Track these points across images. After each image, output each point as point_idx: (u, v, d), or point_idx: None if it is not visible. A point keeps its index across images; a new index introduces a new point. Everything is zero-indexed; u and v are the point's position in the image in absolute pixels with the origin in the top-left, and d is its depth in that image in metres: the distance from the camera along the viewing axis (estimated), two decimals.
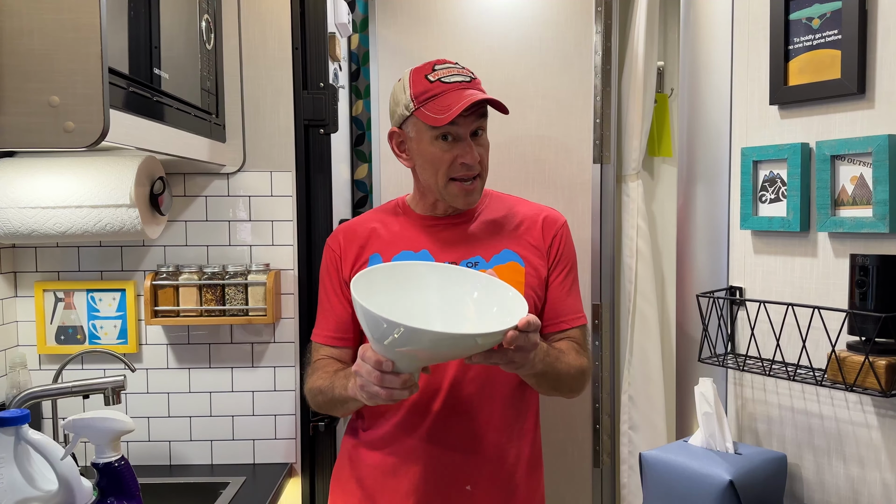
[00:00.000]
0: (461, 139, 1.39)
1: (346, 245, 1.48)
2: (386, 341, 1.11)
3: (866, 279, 1.07)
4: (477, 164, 1.41)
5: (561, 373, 1.35)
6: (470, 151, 1.39)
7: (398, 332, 1.08)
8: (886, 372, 1.04)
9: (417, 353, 1.14)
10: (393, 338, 1.09)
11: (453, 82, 1.38)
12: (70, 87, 1.02)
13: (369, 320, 1.11)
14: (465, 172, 1.40)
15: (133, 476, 1.23)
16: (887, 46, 1.09)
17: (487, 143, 1.45)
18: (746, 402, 1.33)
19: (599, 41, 2.19)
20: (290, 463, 1.83)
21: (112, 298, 1.81)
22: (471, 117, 1.38)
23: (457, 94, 1.36)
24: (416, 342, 1.10)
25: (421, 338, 1.09)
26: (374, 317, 1.10)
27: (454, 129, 1.38)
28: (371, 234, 1.48)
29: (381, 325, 1.09)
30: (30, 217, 1.51)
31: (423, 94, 1.38)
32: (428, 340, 1.10)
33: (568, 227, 1.51)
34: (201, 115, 1.60)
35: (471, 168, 1.40)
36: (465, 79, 1.40)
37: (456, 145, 1.39)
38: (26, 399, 1.56)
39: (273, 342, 1.83)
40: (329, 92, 1.82)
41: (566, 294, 1.47)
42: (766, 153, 1.25)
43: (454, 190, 1.42)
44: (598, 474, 2.28)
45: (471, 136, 1.40)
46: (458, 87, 1.38)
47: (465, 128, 1.38)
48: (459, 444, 1.40)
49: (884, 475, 1.11)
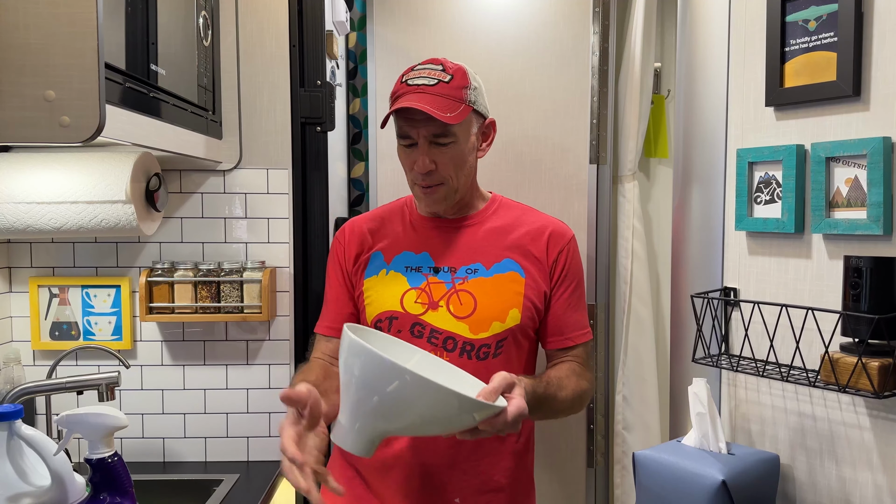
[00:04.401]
0: (418, 145, 1.36)
1: (351, 239, 1.48)
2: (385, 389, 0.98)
3: (860, 281, 1.07)
4: (433, 173, 1.36)
5: (557, 410, 1.33)
6: (420, 158, 1.35)
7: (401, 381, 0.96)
8: (879, 373, 1.04)
9: (407, 412, 1.01)
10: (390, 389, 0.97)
11: (413, 85, 1.35)
12: (66, 82, 1.02)
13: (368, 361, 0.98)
14: (421, 180, 1.37)
15: (126, 472, 1.23)
16: (883, 49, 1.10)
17: (460, 150, 1.37)
18: (740, 402, 1.33)
19: (597, 42, 2.19)
20: None
21: (107, 295, 1.81)
22: (424, 125, 1.33)
23: (406, 98, 1.33)
24: (418, 397, 0.97)
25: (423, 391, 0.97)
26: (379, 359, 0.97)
27: (409, 137, 1.36)
28: (376, 232, 1.48)
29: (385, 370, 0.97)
30: (25, 212, 1.51)
31: (393, 94, 1.38)
32: (433, 398, 0.98)
33: (575, 242, 1.47)
34: (198, 112, 1.60)
35: (426, 175, 1.36)
36: (427, 82, 1.34)
37: (413, 150, 1.37)
38: (20, 395, 1.55)
39: (268, 340, 1.83)
40: (326, 90, 1.82)
41: (572, 310, 1.44)
42: (761, 154, 1.26)
43: (418, 192, 1.41)
44: (591, 474, 2.28)
45: (433, 144, 1.35)
46: (413, 90, 1.34)
47: (419, 134, 1.34)
48: (447, 457, 1.38)
49: (876, 476, 1.12)
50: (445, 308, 1.38)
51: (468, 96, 1.37)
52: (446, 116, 1.31)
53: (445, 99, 1.33)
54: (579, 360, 1.43)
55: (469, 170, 1.42)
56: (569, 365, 1.41)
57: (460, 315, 1.37)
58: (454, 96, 1.34)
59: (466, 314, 1.37)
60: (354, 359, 1.01)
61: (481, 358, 1.37)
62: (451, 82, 1.35)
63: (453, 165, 1.37)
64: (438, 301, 1.38)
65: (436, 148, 1.36)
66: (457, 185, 1.40)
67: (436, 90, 1.34)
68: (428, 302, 1.38)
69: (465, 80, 1.37)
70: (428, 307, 1.38)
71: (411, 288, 1.40)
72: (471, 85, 1.38)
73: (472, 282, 1.39)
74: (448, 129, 1.34)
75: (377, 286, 1.43)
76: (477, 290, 1.39)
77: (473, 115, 1.39)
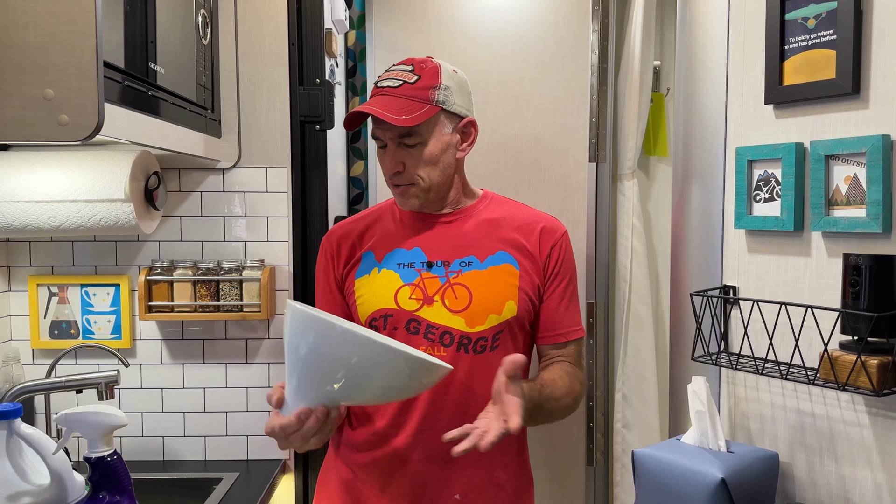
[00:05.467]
0: (387, 147, 1.38)
1: (340, 244, 1.47)
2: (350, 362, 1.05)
3: (859, 279, 1.07)
4: (402, 173, 1.37)
5: (551, 412, 1.34)
6: (388, 159, 1.38)
7: (333, 334, 1.04)
8: (878, 371, 1.04)
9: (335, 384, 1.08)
10: (326, 343, 1.05)
11: (379, 87, 1.37)
12: (65, 81, 1.01)
13: (300, 320, 1.06)
14: (391, 180, 1.40)
15: (126, 471, 1.22)
16: (882, 47, 1.10)
17: (429, 151, 1.37)
18: (739, 400, 1.33)
19: (596, 40, 2.19)
20: (284, 459, 1.83)
21: (106, 293, 1.81)
22: (389, 126, 1.34)
23: (368, 102, 1.36)
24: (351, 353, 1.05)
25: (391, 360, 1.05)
26: (309, 316, 1.04)
27: (380, 139, 1.38)
28: (365, 233, 1.47)
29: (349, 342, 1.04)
30: (24, 211, 1.51)
31: (370, 95, 1.40)
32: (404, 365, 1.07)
33: (568, 237, 1.47)
34: (197, 111, 1.60)
35: (394, 176, 1.38)
36: (392, 84, 1.36)
37: (384, 152, 1.39)
38: (19, 393, 1.55)
39: (267, 338, 1.83)
40: (325, 88, 1.82)
41: (565, 306, 1.44)
42: (760, 153, 1.25)
43: (394, 191, 1.42)
44: (591, 472, 2.28)
45: (402, 145, 1.36)
46: (378, 92, 1.37)
47: (387, 136, 1.36)
48: (448, 453, 1.38)
49: (875, 474, 1.12)
50: (440, 302, 1.37)
51: (435, 96, 1.35)
52: (400, 119, 1.31)
53: (406, 100, 1.34)
54: (571, 359, 1.43)
55: (445, 168, 1.40)
56: (561, 365, 1.41)
57: (456, 309, 1.37)
58: (418, 97, 1.34)
59: (462, 308, 1.37)
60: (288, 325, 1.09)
61: (479, 351, 1.37)
62: (417, 83, 1.35)
63: (422, 165, 1.37)
64: (433, 296, 1.38)
65: (404, 149, 1.36)
66: (428, 185, 1.39)
67: (398, 92, 1.35)
68: (422, 297, 1.38)
69: (434, 79, 1.36)
70: (423, 302, 1.38)
71: (405, 284, 1.39)
72: (440, 85, 1.36)
73: (466, 275, 1.39)
74: (412, 130, 1.34)
75: (369, 285, 1.42)
76: (472, 283, 1.38)
77: (444, 114, 1.37)
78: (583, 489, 2.28)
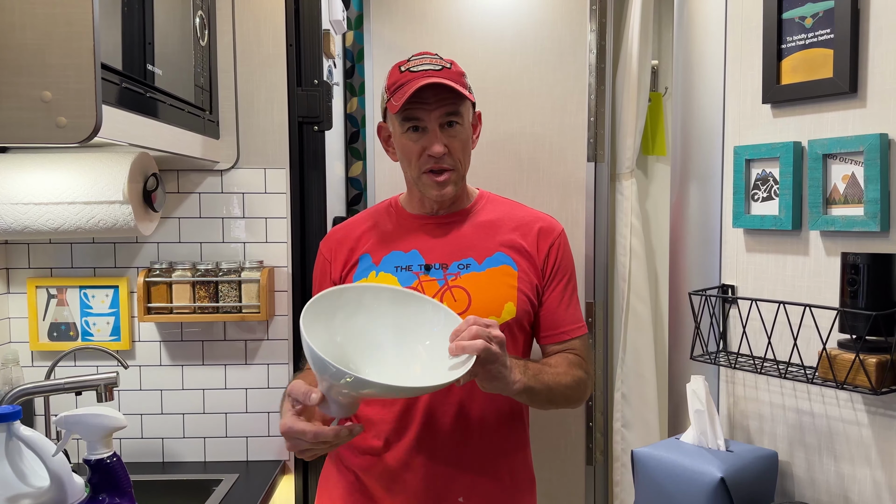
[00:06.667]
0: (428, 130, 1.36)
1: (337, 248, 1.47)
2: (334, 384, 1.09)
3: (857, 277, 1.08)
4: (446, 156, 1.37)
5: (552, 386, 1.32)
6: (435, 141, 1.35)
7: (345, 380, 1.06)
8: (877, 370, 1.04)
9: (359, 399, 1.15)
10: (340, 383, 1.08)
11: (420, 70, 1.35)
12: (62, 83, 1.01)
13: (316, 361, 1.08)
14: (433, 164, 1.37)
15: (125, 473, 1.22)
16: (879, 46, 1.10)
17: (466, 135, 1.40)
18: (738, 399, 1.34)
19: (594, 39, 2.19)
20: (284, 460, 1.83)
21: (105, 295, 1.81)
22: (437, 107, 1.34)
23: (417, 81, 1.33)
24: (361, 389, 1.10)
25: (366, 387, 1.08)
26: (321, 360, 1.06)
27: (421, 120, 1.36)
28: (362, 235, 1.47)
29: (328, 369, 1.06)
30: (22, 213, 1.51)
31: (393, 84, 1.37)
32: (374, 390, 1.10)
33: (565, 236, 1.47)
34: (195, 112, 1.60)
35: (439, 159, 1.36)
36: (434, 67, 1.36)
37: (424, 136, 1.37)
38: (18, 395, 1.55)
39: (266, 339, 1.83)
40: (323, 89, 1.82)
41: (566, 305, 1.44)
42: (758, 152, 1.26)
43: (426, 181, 1.39)
44: (590, 472, 2.28)
45: (443, 127, 1.36)
46: (422, 74, 1.34)
47: (431, 117, 1.35)
48: (451, 455, 1.38)
49: (874, 472, 1.12)
50: None
51: (467, 84, 1.41)
52: (465, 92, 1.35)
53: (455, 81, 1.36)
54: (575, 352, 1.43)
55: (469, 158, 1.44)
56: (563, 355, 1.41)
57: (455, 312, 1.37)
58: (459, 81, 1.38)
59: (461, 311, 1.36)
60: (308, 355, 1.10)
61: None
62: (454, 68, 1.40)
63: (462, 149, 1.40)
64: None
65: (445, 131, 1.37)
66: (463, 172, 1.42)
67: (442, 74, 1.36)
68: None
69: (460, 69, 1.42)
70: None
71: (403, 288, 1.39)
72: (465, 74, 1.42)
73: (464, 277, 1.39)
74: (459, 110, 1.37)
75: None
76: (470, 285, 1.38)
77: (470, 103, 1.42)
78: (582, 489, 2.28)
